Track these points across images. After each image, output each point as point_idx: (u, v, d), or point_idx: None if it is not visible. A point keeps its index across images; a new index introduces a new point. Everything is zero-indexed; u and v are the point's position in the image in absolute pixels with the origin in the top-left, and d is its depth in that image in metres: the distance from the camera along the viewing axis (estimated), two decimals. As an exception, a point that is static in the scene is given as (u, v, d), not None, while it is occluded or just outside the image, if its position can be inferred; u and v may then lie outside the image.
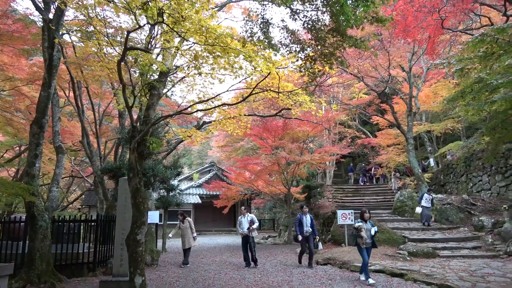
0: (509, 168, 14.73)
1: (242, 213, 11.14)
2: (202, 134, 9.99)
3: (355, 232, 8.03)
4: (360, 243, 7.95)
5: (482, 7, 14.11)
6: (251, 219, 10.78)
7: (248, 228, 10.61)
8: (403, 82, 22.45)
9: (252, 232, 10.64)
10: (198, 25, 6.68)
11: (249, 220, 10.72)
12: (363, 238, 7.89)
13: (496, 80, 6.82)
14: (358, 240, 8.01)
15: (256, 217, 11.10)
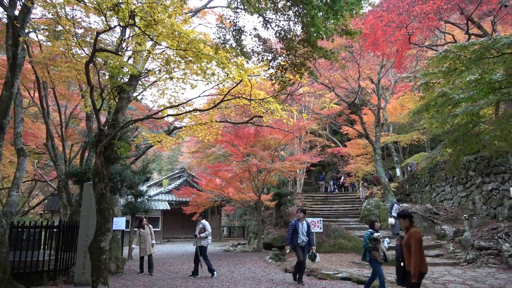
0: (469, 179, 15.40)
1: (198, 220, 10.53)
2: (173, 140, 9.88)
3: (372, 244, 6.82)
4: (377, 257, 6.81)
5: (447, 25, 14.83)
6: (202, 226, 10.07)
7: (196, 236, 10.04)
8: (372, 94, 23.11)
9: (201, 240, 9.97)
10: (171, 30, 6.64)
11: (200, 227, 10.08)
12: (380, 251, 6.84)
13: (458, 95, 7.16)
14: (373, 254, 6.85)
15: (209, 225, 10.22)
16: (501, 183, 13.58)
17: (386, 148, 26.37)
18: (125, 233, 15.69)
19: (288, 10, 5.68)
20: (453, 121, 8.75)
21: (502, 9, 12.03)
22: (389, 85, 22.20)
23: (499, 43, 5.59)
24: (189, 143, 36.85)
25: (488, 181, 14.22)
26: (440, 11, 11.44)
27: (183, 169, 31.17)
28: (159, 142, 9.28)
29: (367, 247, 6.91)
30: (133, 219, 16.24)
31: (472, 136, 9.15)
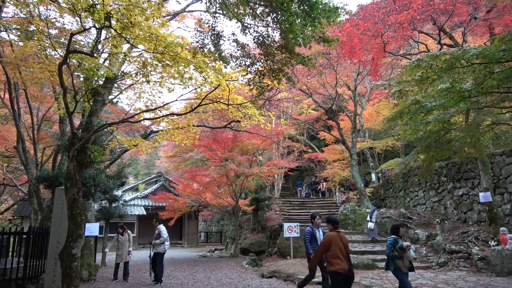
0: (441, 184, 15.86)
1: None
2: (149, 144, 9.74)
3: (398, 253, 6.04)
4: (401, 266, 6.06)
5: (421, 35, 15.29)
6: (158, 232, 9.66)
7: (151, 243, 9.71)
8: (349, 100, 23.52)
9: (157, 247, 9.59)
10: (148, 33, 6.56)
11: (156, 233, 9.69)
12: (406, 259, 6.09)
13: (430, 103, 7.37)
14: (398, 263, 6.07)
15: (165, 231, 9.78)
16: (471, 189, 14.05)
17: (362, 153, 26.85)
18: (99, 239, 15.28)
19: (266, 16, 5.72)
20: (426, 128, 8.99)
21: (472, 21, 12.51)
22: (365, 92, 22.67)
23: (469, 53, 5.80)
24: (166, 147, 36.37)
25: (459, 187, 14.68)
26: (414, 21, 11.78)
27: (160, 174, 30.75)
28: (135, 146, 9.13)
29: (391, 255, 6.10)
30: (107, 224, 15.86)
31: (444, 142, 9.44)
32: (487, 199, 11.62)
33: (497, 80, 6.39)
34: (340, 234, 5.49)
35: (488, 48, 5.73)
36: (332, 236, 5.41)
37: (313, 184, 28.25)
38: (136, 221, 25.87)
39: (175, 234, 28.40)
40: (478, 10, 12.46)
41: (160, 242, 9.53)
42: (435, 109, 7.35)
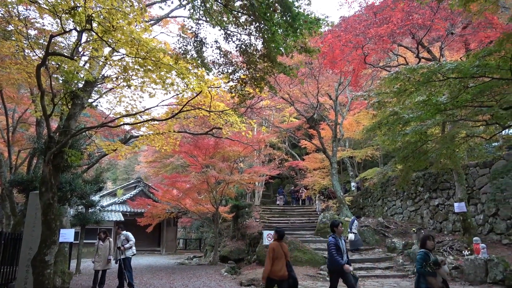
0: (418, 194, 16.19)
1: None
2: (128, 149, 9.60)
3: (432, 269, 5.29)
4: (434, 284, 5.26)
5: (400, 48, 15.69)
6: (125, 237, 9.76)
7: (119, 248, 9.63)
8: (330, 110, 23.83)
9: (125, 251, 9.63)
10: (130, 37, 6.51)
11: (123, 239, 9.76)
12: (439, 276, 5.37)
13: (408, 115, 7.56)
14: (429, 280, 5.27)
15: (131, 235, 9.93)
16: (446, 199, 14.40)
17: (342, 162, 27.17)
18: (74, 245, 14.89)
19: (249, 25, 5.76)
20: (404, 139, 9.19)
21: (449, 36, 12.94)
22: (346, 102, 23.02)
23: (445, 68, 6.00)
24: (146, 152, 35.89)
25: (435, 197, 15.03)
26: (394, 34, 12.09)
27: (139, 179, 30.27)
28: (113, 151, 8.99)
29: (423, 272, 5.29)
30: (83, 230, 15.48)
31: (421, 153, 9.66)
32: (461, 209, 11.93)
33: (471, 94, 6.61)
34: (282, 244, 6.20)
35: (463, 63, 5.93)
36: (275, 245, 6.09)
37: (293, 192, 28.37)
38: (113, 227, 25.34)
39: (153, 241, 27.96)
40: (455, 26, 12.90)
41: (129, 246, 9.65)
42: (413, 120, 7.54)
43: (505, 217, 11.52)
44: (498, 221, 11.88)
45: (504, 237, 11.53)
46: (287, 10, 4.72)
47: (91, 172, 16.91)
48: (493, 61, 6.03)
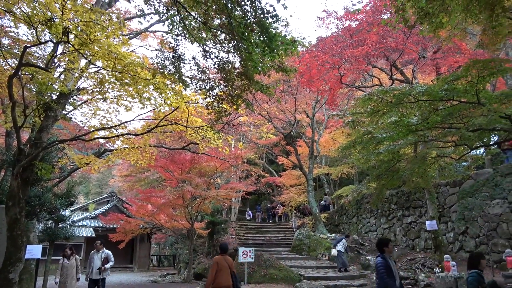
0: (391, 212, 16.50)
1: (97, 249, 9.11)
2: (102, 162, 9.40)
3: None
4: None
5: (375, 69, 16.20)
6: (106, 256, 8.98)
7: (100, 268, 8.84)
8: (307, 127, 24.17)
9: (104, 272, 8.89)
10: (107, 50, 6.47)
11: (103, 258, 8.94)
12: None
13: (381, 134, 7.76)
14: None
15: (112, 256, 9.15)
16: (418, 217, 14.73)
17: (318, 179, 27.43)
18: (41, 262, 14.27)
19: (228, 43, 5.84)
20: (378, 158, 9.41)
21: (421, 60, 13.48)
22: (323, 120, 23.42)
23: (415, 90, 6.24)
24: (121, 166, 35.15)
25: (408, 214, 15.35)
26: (369, 56, 12.50)
27: (113, 193, 29.51)
28: (86, 164, 8.78)
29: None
30: (51, 246, 14.88)
31: (394, 172, 9.89)
32: (433, 227, 12.21)
33: (441, 116, 6.87)
34: (225, 257, 6.78)
35: (432, 86, 6.18)
36: (218, 259, 6.67)
37: (270, 209, 28.37)
38: (84, 243, 24.49)
39: (126, 258, 27.14)
40: (426, 50, 13.47)
41: (110, 266, 9.04)
42: (385, 140, 7.74)
43: (474, 235, 11.86)
44: (467, 239, 12.22)
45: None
46: (264, 31, 4.83)
47: (63, 186, 16.39)
48: (460, 86, 6.31)
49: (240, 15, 4.97)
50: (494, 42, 8.06)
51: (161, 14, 6.29)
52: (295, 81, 17.96)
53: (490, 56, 11.40)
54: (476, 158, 14.18)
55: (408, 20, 5.30)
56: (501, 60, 6.74)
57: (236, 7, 5.05)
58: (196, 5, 5.47)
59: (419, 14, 5.13)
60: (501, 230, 10.85)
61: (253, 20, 4.86)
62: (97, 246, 9.24)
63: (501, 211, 10.93)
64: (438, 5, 4.73)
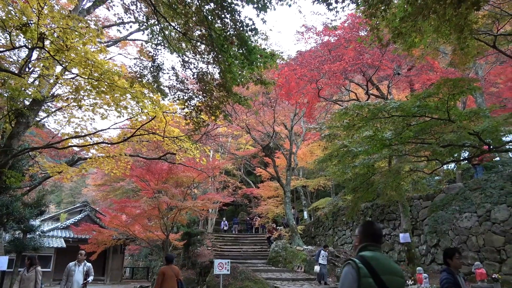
0: (366, 224, 16.72)
1: (79, 260, 8.35)
2: (75, 171, 9.15)
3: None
4: None
5: (352, 84, 16.59)
6: (87, 269, 8.37)
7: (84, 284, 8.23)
8: (285, 139, 24.35)
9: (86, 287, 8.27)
10: (84, 57, 6.38)
11: (85, 271, 8.31)
12: None
13: (356, 148, 7.92)
14: None
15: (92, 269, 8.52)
16: (392, 229, 14.99)
17: (296, 191, 27.58)
18: (6, 274, 13.68)
19: (207, 55, 5.87)
20: (353, 171, 9.56)
21: (396, 76, 13.91)
22: (301, 132, 23.68)
23: (389, 106, 6.42)
24: (95, 175, 34.30)
25: (383, 227, 15.59)
26: (346, 71, 12.80)
27: (86, 203, 28.70)
28: (59, 173, 8.53)
29: None
30: (19, 258, 14.30)
31: (369, 185, 10.08)
32: (406, 239, 12.44)
33: (413, 132, 7.08)
34: (172, 267, 7.29)
35: (405, 103, 6.38)
36: (164, 269, 7.17)
37: (248, 221, 28.29)
38: (54, 255, 23.62)
39: (97, 269, 26.16)
40: (401, 67, 13.92)
41: (91, 281, 8.40)
42: (361, 154, 7.90)
43: (445, 248, 12.15)
44: (439, 251, 12.50)
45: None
46: (243, 44, 4.89)
47: (33, 195, 15.85)
48: (432, 103, 6.54)
49: (220, 27, 5.02)
50: (464, 62, 8.44)
51: (140, 23, 6.27)
52: (274, 94, 18.14)
53: (461, 75, 11.90)
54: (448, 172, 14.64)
55: (382, 39, 5.48)
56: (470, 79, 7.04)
57: (216, 19, 5.09)
58: (176, 16, 5.49)
59: (394, 33, 5.31)
60: (470, 243, 11.16)
61: (233, 32, 4.92)
62: (80, 257, 8.36)
63: (470, 224, 11.27)
64: (410, 25, 4.92)
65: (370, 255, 2.34)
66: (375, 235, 2.52)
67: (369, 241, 2.49)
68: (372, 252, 2.39)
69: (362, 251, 2.45)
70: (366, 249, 2.43)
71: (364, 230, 2.57)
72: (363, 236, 2.54)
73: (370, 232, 2.54)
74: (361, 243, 2.52)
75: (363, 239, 2.52)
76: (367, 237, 2.51)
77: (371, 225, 2.59)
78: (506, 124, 7.80)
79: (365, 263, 2.28)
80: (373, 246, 2.44)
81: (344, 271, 2.33)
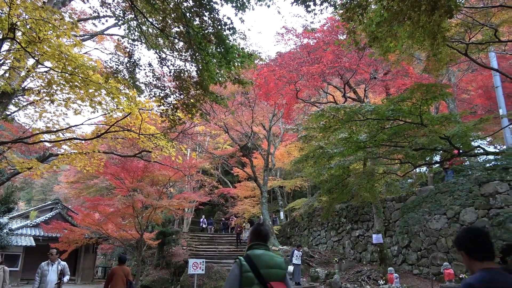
0: (341, 225, 16.98)
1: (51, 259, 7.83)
2: (46, 167, 8.87)
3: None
4: None
5: (329, 86, 16.81)
6: (62, 268, 7.85)
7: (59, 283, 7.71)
8: (264, 139, 24.44)
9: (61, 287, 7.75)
10: (58, 51, 6.20)
11: (60, 270, 7.79)
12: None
13: (332, 150, 8.03)
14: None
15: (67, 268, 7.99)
16: (366, 230, 15.28)
17: (272, 191, 27.71)
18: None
19: (185, 52, 5.81)
20: (329, 172, 9.69)
21: (372, 80, 14.18)
22: (279, 133, 23.81)
23: (364, 109, 6.54)
24: (68, 172, 33.39)
25: (356, 228, 15.87)
26: (324, 74, 12.96)
27: (58, 201, 27.86)
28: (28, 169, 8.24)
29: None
30: (-16, 256, 13.75)
31: (344, 186, 10.23)
32: (378, 240, 12.71)
33: (387, 135, 7.24)
34: (122, 267, 7.56)
35: (380, 106, 6.52)
36: (115, 269, 7.50)
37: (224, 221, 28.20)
38: (22, 253, 22.84)
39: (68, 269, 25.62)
40: (378, 72, 14.20)
41: (67, 280, 7.93)
42: (336, 155, 8.01)
43: (416, 248, 12.48)
44: (410, 252, 12.83)
45: (414, 267, 12.45)
46: (221, 43, 4.87)
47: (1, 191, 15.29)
48: (406, 107, 6.71)
49: (198, 25, 4.99)
50: (437, 68, 8.68)
51: (117, 17, 6.15)
52: (253, 94, 18.17)
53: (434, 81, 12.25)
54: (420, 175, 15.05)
55: (359, 42, 5.58)
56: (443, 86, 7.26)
57: (195, 17, 5.05)
58: (154, 12, 5.42)
59: (370, 37, 5.41)
60: (440, 244, 11.51)
61: (211, 31, 4.89)
62: (52, 256, 7.84)
63: (440, 226, 11.62)
64: (386, 30, 5.03)
65: (254, 253, 2.76)
66: (260, 236, 2.91)
67: (256, 240, 2.89)
68: (258, 250, 2.79)
69: (250, 249, 2.85)
70: (253, 248, 2.83)
71: (252, 231, 2.97)
72: (252, 237, 2.94)
73: (257, 233, 2.93)
74: (250, 242, 2.92)
75: (252, 239, 2.92)
76: (255, 237, 2.91)
77: (258, 227, 2.99)
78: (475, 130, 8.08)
79: (248, 260, 2.69)
80: (259, 245, 2.85)
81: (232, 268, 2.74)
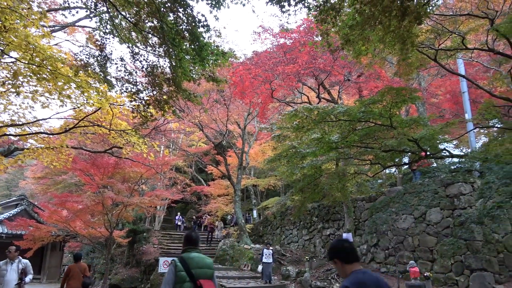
0: (312, 224, 17.21)
1: (9, 257, 7.21)
2: (10, 162, 8.52)
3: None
4: None
5: (304, 87, 16.99)
6: (24, 266, 7.32)
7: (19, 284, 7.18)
8: (238, 138, 24.42)
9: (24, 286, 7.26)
10: (25, 41, 5.97)
11: (21, 269, 7.25)
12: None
13: (305, 150, 8.14)
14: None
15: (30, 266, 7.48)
16: (337, 229, 15.55)
17: (246, 190, 27.73)
18: None
19: (159, 47, 5.73)
20: (301, 172, 9.82)
21: (346, 82, 14.44)
22: (254, 132, 23.86)
23: (337, 110, 6.67)
24: (35, 167, 32.22)
25: (327, 227, 16.13)
26: (299, 74, 13.09)
27: (23, 197, 26.82)
28: (-9, 163, 7.90)
29: None
30: None
31: (316, 186, 10.40)
32: (349, 239, 12.95)
33: (358, 136, 7.41)
34: (79, 264, 7.76)
35: (352, 108, 6.66)
36: (71, 266, 7.72)
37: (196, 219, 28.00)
38: (-17, 252, 21.88)
39: (33, 267, 24.43)
40: (351, 74, 14.47)
41: (29, 280, 7.46)
42: (309, 155, 8.12)
43: (384, 247, 12.81)
44: (378, 251, 13.15)
45: (382, 265, 12.78)
46: (195, 39, 4.83)
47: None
48: (376, 109, 6.88)
49: (172, 21, 4.92)
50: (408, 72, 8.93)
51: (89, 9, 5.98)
52: (229, 92, 18.11)
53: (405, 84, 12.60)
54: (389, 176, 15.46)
55: (332, 44, 5.67)
56: (412, 89, 7.49)
57: (169, 12, 4.98)
58: (127, 5, 5.30)
59: (343, 39, 5.51)
60: (407, 243, 11.87)
61: (185, 27, 4.84)
62: (11, 253, 7.25)
63: (407, 225, 11.98)
64: (358, 34, 5.14)
65: (188, 255, 3.37)
66: (191, 241, 3.54)
67: (189, 245, 3.51)
68: (191, 253, 3.41)
69: (184, 252, 3.45)
70: (187, 251, 3.44)
71: (185, 237, 3.59)
72: (185, 242, 3.55)
73: (188, 239, 3.55)
74: (184, 246, 3.53)
75: (186, 244, 3.54)
76: (188, 242, 3.53)
77: (190, 233, 3.62)
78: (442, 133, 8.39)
79: (182, 261, 3.30)
80: (191, 248, 3.48)
81: (168, 268, 3.30)
